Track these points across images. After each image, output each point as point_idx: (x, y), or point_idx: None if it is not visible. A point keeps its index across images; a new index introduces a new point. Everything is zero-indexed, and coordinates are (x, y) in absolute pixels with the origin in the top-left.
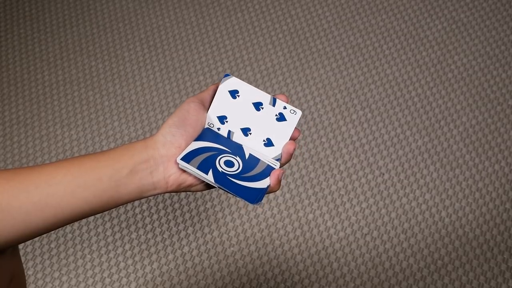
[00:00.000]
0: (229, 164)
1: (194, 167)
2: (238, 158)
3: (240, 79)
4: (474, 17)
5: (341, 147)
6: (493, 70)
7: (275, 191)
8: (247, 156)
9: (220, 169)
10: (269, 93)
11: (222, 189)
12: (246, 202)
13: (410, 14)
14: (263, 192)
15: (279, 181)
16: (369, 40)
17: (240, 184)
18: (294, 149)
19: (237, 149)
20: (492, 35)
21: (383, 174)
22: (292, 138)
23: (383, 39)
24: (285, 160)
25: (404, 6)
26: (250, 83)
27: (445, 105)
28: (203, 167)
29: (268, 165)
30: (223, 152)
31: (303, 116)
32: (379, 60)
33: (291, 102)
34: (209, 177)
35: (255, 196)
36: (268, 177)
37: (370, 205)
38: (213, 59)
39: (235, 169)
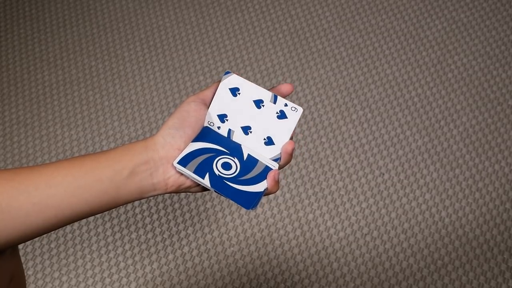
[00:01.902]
0: (226, 166)
1: (191, 171)
2: (236, 160)
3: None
4: (474, 17)
5: (341, 147)
6: (493, 70)
7: (275, 192)
8: (245, 157)
9: (217, 172)
10: None
11: (219, 194)
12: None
13: (410, 14)
14: (259, 196)
15: (276, 182)
16: (369, 40)
17: (236, 189)
18: (293, 149)
19: (235, 150)
20: (492, 35)
21: (383, 174)
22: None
23: (383, 39)
24: (284, 161)
25: (404, 6)
26: None
27: (445, 105)
28: (200, 171)
29: (267, 166)
30: (221, 153)
31: (303, 116)
32: (379, 60)
33: (292, 102)
34: (206, 182)
35: (250, 202)
36: (265, 180)
37: (370, 205)
38: (213, 59)
39: (233, 172)
